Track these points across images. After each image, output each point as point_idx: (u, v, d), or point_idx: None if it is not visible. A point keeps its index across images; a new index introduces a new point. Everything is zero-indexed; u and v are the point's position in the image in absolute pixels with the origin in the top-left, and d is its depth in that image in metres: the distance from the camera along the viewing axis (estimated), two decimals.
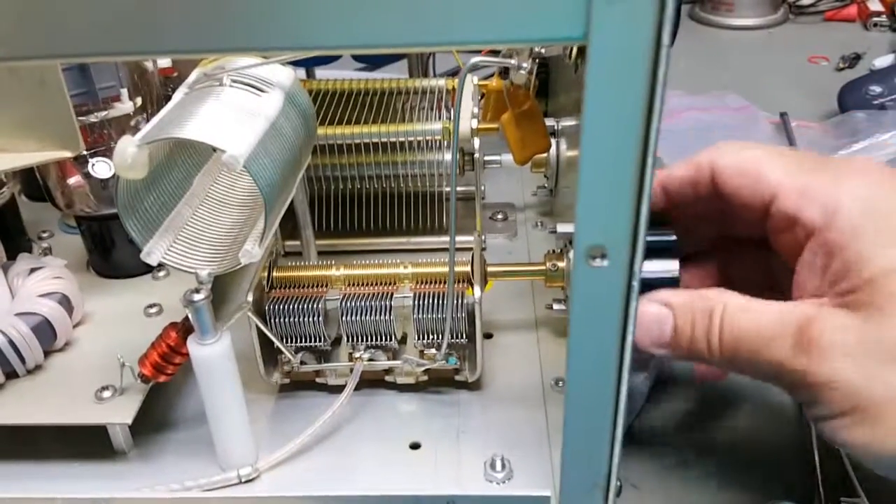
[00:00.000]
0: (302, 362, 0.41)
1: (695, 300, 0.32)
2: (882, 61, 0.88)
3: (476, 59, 0.33)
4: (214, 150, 0.34)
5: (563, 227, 0.41)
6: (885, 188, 0.30)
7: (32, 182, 0.53)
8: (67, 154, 0.40)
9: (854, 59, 0.90)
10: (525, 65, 0.35)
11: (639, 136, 0.25)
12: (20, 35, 0.25)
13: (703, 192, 0.35)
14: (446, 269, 0.40)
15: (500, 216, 0.57)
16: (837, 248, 0.29)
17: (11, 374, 0.40)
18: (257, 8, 0.24)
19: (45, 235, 0.54)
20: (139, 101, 0.46)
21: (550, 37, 0.24)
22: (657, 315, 0.32)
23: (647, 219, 0.26)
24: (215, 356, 0.35)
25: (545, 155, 0.50)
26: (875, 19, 1.00)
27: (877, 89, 0.76)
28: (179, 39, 0.25)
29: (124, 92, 0.45)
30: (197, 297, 0.34)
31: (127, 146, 0.31)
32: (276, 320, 0.40)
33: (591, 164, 0.26)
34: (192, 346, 0.35)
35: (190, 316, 0.34)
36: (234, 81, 0.37)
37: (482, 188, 0.53)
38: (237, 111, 0.35)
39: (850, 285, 0.29)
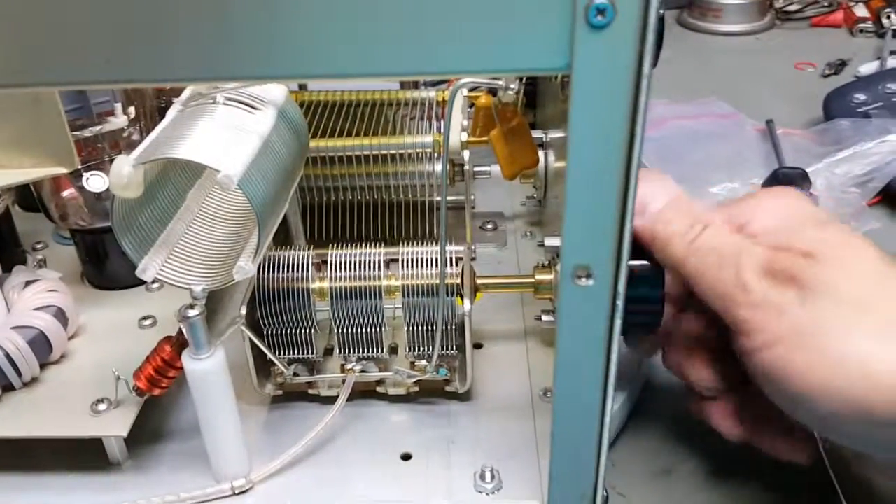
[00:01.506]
0: (295, 374, 0.42)
1: (687, 205, 0.35)
2: (867, 68, 0.89)
3: (465, 79, 0.34)
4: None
5: (550, 241, 0.41)
6: (789, 198, 0.36)
7: (26, 193, 0.54)
8: (62, 170, 0.40)
9: (840, 66, 0.91)
10: (513, 85, 0.35)
11: (622, 160, 0.26)
12: (20, 63, 0.25)
13: None
14: (435, 280, 0.41)
15: (489, 226, 0.57)
16: (765, 235, 0.34)
17: (8, 387, 0.41)
18: (253, 39, 0.25)
19: (39, 247, 0.54)
20: (132, 111, 0.47)
21: (534, 67, 0.25)
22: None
23: (631, 240, 0.27)
24: (209, 370, 0.35)
25: None
26: (861, 25, 1.01)
27: (861, 97, 0.76)
28: (177, 69, 0.25)
29: (118, 106, 0.45)
30: (192, 312, 0.34)
31: (123, 166, 0.32)
32: (269, 332, 0.41)
33: (577, 187, 0.27)
34: (187, 360, 0.35)
35: (185, 331, 0.35)
36: (228, 99, 0.37)
37: (472, 197, 0.54)
38: (231, 130, 0.35)
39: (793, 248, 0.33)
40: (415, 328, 0.41)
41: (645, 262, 0.36)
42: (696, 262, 0.33)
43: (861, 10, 1.02)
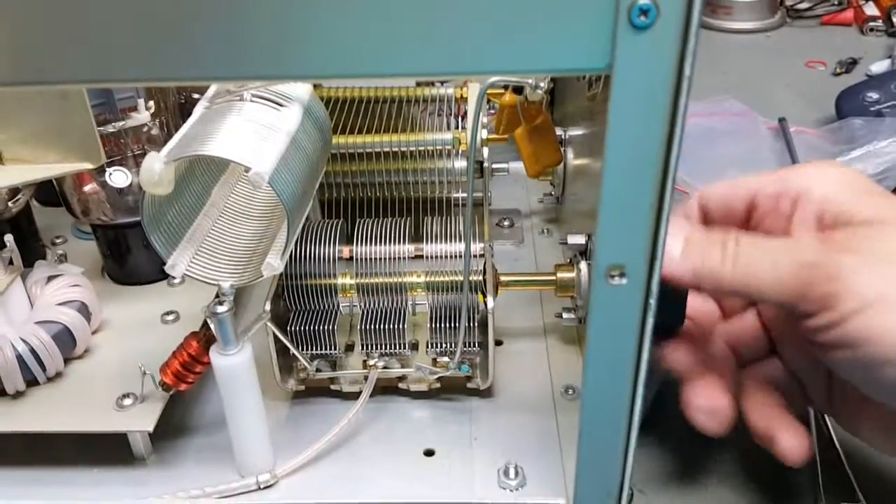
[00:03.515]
0: (317, 369, 0.42)
1: (706, 233, 0.34)
2: (878, 66, 0.89)
3: (493, 78, 0.34)
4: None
5: (572, 239, 0.42)
6: (840, 167, 0.36)
7: (45, 187, 0.54)
8: (89, 166, 0.41)
9: (851, 64, 0.91)
10: (542, 84, 0.36)
11: (659, 161, 0.26)
12: (48, 60, 0.26)
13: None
14: (459, 277, 0.41)
15: (506, 223, 0.57)
16: (826, 202, 0.34)
17: (32, 382, 0.41)
18: (280, 38, 0.25)
19: (58, 241, 0.54)
20: (152, 105, 0.47)
21: (575, 67, 0.25)
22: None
23: (665, 240, 0.27)
24: (237, 366, 0.35)
25: None
26: (871, 24, 1.00)
27: (874, 96, 0.76)
28: (202, 67, 0.25)
29: (141, 102, 0.45)
30: (220, 308, 0.35)
31: (154, 163, 0.32)
32: (293, 328, 0.41)
33: (613, 187, 0.27)
34: (215, 356, 0.35)
35: (213, 327, 0.35)
36: (255, 96, 0.37)
37: (489, 194, 0.54)
38: (259, 127, 0.36)
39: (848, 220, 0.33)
40: (438, 324, 0.41)
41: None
42: (749, 276, 0.32)
43: (871, 9, 1.02)
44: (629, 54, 0.24)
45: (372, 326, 0.41)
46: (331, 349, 0.42)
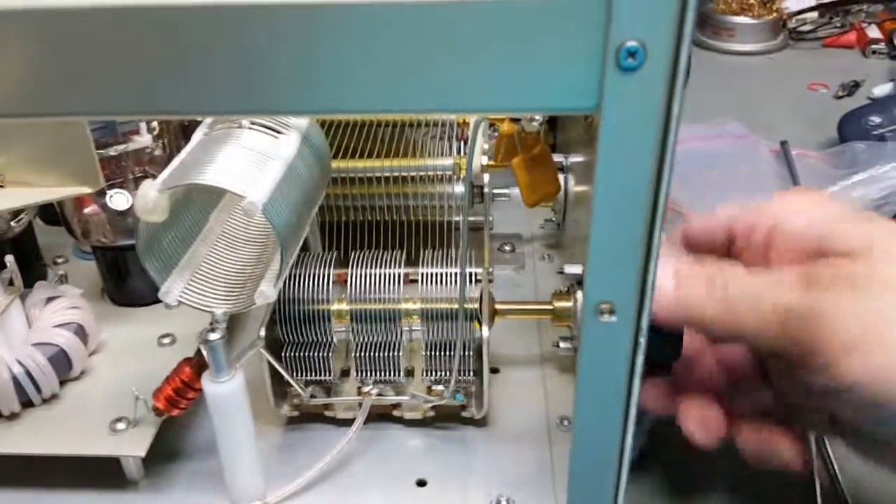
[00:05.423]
0: (312, 395, 0.42)
1: (696, 268, 0.33)
2: (881, 90, 0.89)
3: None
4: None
5: (570, 269, 0.42)
6: (814, 196, 0.36)
7: (49, 207, 0.54)
8: (87, 190, 0.41)
9: (853, 87, 0.91)
10: (538, 117, 0.36)
11: (648, 199, 0.26)
12: (51, 95, 0.26)
13: None
14: (455, 305, 0.41)
15: (507, 247, 0.57)
16: (801, 236, 0.34)
17: (27, 403, 0.41)
18: (287, 74, 0.25)
19: (60, 261, 0.54)
20: (155, 126, 0.47)
21: (563, 106, 0.25)
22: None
23: (655, 278, 0.27)
24: (229, 393, 0.35)
25: None
26: (874, 46, 1.01)
27: (876, 120, 0.76)
28: (208, 102, 0.26)
29: (143, 125, 0.45)
30: (213, 336, 0.35)
31: (149, 191, 0.32)
32: (287, 354, 0.41)
33: (602, 225, 0.27)
34: (207, 383, 0.35)
35: (205, 354, 0.35)
36: (253, 123, 0.37)
37: (490, 219, 0.54)
38: (256, 155, 0.36)
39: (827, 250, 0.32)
40: (434, 352, 0.41)
41: None
42: (734, 319, 0.32)
43: (874, 32, 1.02)
44: (617, 95, 0.24)
45: (367, 354, 0.41)
46: (325, 375, 0.42)
